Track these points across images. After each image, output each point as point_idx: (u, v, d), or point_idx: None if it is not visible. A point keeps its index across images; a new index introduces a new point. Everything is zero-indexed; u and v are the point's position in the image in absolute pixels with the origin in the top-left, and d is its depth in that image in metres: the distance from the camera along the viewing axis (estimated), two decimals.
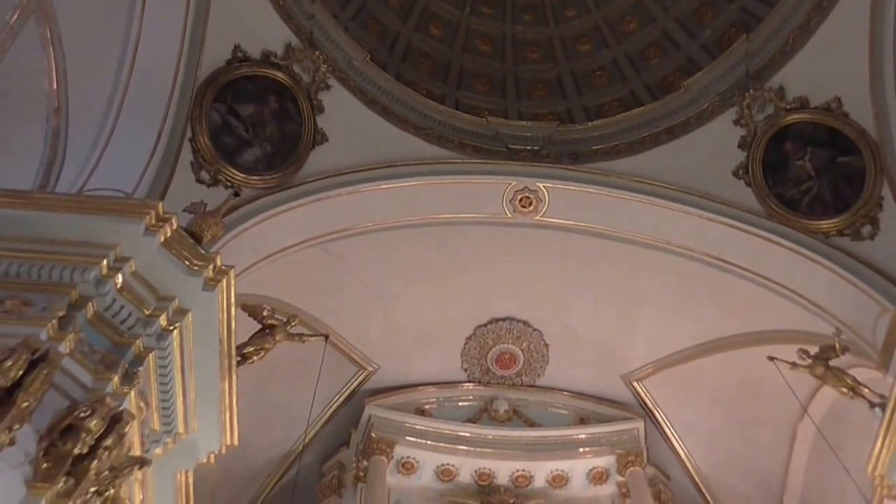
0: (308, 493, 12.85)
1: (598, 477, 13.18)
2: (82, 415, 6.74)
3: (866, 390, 9.92)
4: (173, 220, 7.89)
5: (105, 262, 7.33)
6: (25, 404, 6.33)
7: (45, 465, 6.56)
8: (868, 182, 10.21)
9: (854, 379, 10.08)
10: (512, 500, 12.67)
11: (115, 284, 7.43)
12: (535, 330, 13.63)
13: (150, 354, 7.65)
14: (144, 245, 7.67)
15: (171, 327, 7.79)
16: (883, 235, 10.02)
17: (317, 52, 11.17)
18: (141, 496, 8.08)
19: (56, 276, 7.14)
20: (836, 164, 10.59)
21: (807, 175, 10.79)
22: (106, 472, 7.08)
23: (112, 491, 7.21)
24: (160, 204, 7.89)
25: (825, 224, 10.46)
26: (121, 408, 7.08)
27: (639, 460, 13.06)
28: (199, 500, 9.34)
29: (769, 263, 10.79)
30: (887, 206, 10.05)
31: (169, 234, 7.83)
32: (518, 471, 13.09)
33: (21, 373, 6.30)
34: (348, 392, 13.50)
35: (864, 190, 10.25)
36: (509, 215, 11.66)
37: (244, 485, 12.72)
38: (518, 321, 13.55)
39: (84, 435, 6.71)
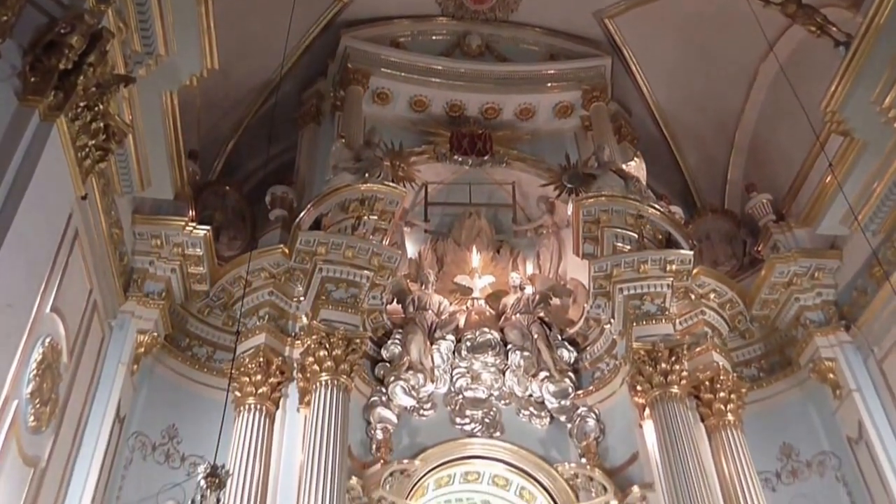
0: (288, 122, 13.40)
1: (563, 111, 13.77)
2: (63, 31, 7.01)
3: (834, 29, 10.18)
4: None
5: None
6: (4, 18, 6.53)
7: (32, 79, 6.96)
8: None
9: (824, 17, 10.29)
10: (480, 131, 13.26)
11: None
12: None
13: None
14: None
15: None
16: None
17: None
18: (129, 115, 8.52)
19: None
20: None
21: None
22: (93, 89, 7.47)
23: (101, 107, 7.64)
24: None
25: None
26: (100, 25, 7.28)
27: (603, 96, 13.57)
28: (184, 124, 9.84)
29: None
30: None
31: None
32: (488, 103, 13.60)
33: None
34: (324, 23, 13.44)
35: None
36: None
37: (226, 111, 13.16)
38: None
39: (67, 51, 7.02)
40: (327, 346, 9.72)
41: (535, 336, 11.18)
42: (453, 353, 11.09)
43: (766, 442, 10.11)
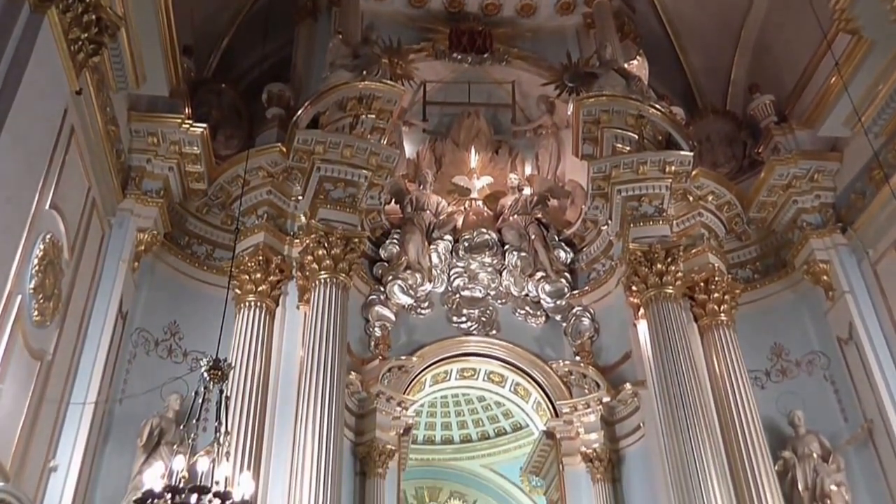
0: (284, 17, 12.97)
1: (565, 7, 13.42)
2: None
3: None
4: None
5: None
6: None
7: None
8: None
9: None
10: (480, 28, 12.99)
11: None
12: None
13: None
14: None
15: None
16: None
17: None
18: (122, 8, 8.28)
19: None
20: None
21: None
22: None
23: None
24: None
25: None
26: None
27: None
28: (178, 18, 9.56)
29: None
30: None
31: None
32: None
33: None
34: None
35: None
36: None
37: (221, 5, 12.71)
38: None
39: None
40: (326, 245, 9.78)
41: (533, 237, 11.25)
42: (451, 252, 11.19)
43: (757, 342, 10.31)
